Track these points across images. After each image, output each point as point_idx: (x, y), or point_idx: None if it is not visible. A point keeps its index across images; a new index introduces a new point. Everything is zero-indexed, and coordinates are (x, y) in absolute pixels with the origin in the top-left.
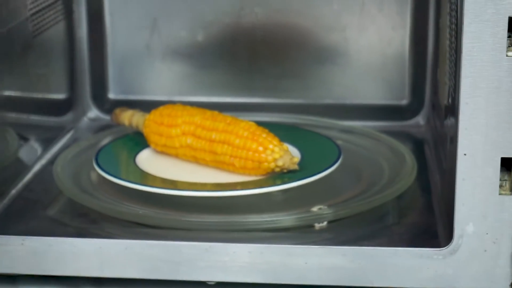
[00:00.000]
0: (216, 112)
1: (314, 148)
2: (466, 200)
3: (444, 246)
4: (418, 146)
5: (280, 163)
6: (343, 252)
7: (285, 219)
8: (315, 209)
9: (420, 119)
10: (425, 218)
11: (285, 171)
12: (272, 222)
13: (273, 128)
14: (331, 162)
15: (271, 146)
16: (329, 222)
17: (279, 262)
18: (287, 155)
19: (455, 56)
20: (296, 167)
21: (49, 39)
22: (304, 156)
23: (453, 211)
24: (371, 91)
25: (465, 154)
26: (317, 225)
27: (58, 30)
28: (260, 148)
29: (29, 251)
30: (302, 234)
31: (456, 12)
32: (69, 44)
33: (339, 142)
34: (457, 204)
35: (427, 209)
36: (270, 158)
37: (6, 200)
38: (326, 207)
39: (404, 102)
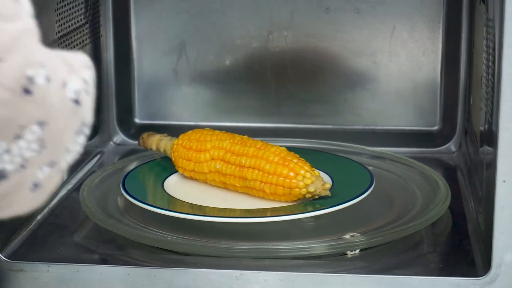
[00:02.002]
0: (245, 137)
1: (346, 174)
2: (505, 228)
3: (481, 275)
4: (450, 173)
5: (311, 189)
6: (377, 281)
7: (317, 246)
8: (347, 236)
9: (451, 146)
10: (461, 246)
11: (316, 197)
12: (303, 249)
13: (303, 154)
14: (363, 189)
15: (302, 172)
16: (362, 249)
17: None
18: (319, 181)
19: (493, 80)
20: (328, 193)
21: None
22: (336, 182)
23: (491, 240)
24: (402, 117)
25: (504, 181)
26: (350, 253)
27: (85, 53)
28: (291, 174)
29: (55, 278)
30: (335, 262)
31: (494, 35)
32: (96, 67)
33: (369, 168)
34: (495, 233)
35: (463, 237)
36: (301, 184)
37: (32, 226)
38: (358, 234)
39: (436, 128)
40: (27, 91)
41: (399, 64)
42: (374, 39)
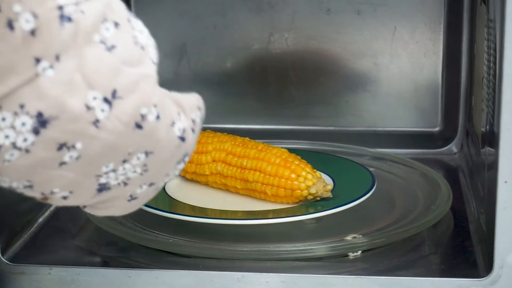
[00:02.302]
0: (247, 139)
1: (347, 176)
2: (507, 229)
3: (483, 277)
4: (451, 174)
5: (313, 190)
6: (379, 283)
7: (319, 248)
8: (349, 238)
9: (453, 147)
10: (463, 248)
11: (318, 198)
12: (305, 251)
13: (305, 156)
14: (365, 190)
15: (303, 174)
16: (364, 251)
17: None
18: (320, 182)
19: (494, 81)
20: (329, 194)
21: None
22: (337, 184)
23: (493, 241)
24: (403, 118)
25: (506, 182)
26: (351, 254)
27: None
28: (293, 176)
29: (56, 281)
30: (336, 263)
31: (495, 36)
32: None
33: (370, 169)
34: (497, 234)
35: (464, 238)
36: (303, 185)
37: (33, 228)
38: (360, 236)
39: (437, 129)
40: (139, 126)
41: (400, 65)
42: (375, 40)
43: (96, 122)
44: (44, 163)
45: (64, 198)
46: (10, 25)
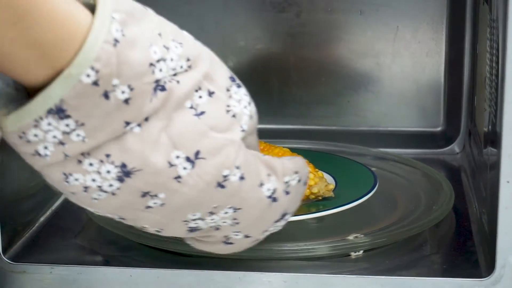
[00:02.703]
0: None
1: (349, 175)
2: (509, 229)
3: (485, 277)
4: (453, 174)
5: (315, 190)
6: (381, 282)
7: (321, 247)
8: (351, 237)
9: (455, 147)
10: (465, 248)
11: (320, 198)
12: (307, 250)
13: (307, 155)
14: (367, 190)
15: None
16: (366, 251)
17: None
18: (322, 182)
19: (496, 81)
20: (331, 194)
21: None
22: (339, 183)
23: (495, 241)
24: (405, 118)
25: (508, 182)
26: (353, 254)
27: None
28: None
29: (58, 280)
30: (338, 263)
31: (498, 36)
32: None
33: (372, 169)
34: (499, 233)
35: (466, 238)
36: None
37: (35, 228)
38: (362, 235)
39: (439, 129)
40: (221, 185)
41: (402, 65)
42: (377, 40)
43: (178, 178)
44: (130, 205)
45: (158, 231)
46: (106, 95)
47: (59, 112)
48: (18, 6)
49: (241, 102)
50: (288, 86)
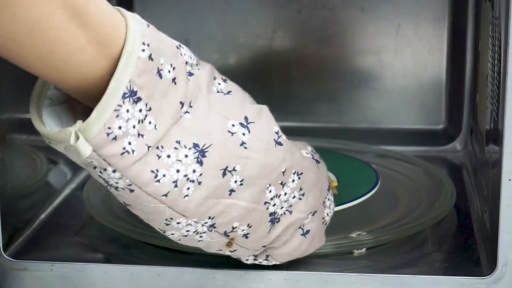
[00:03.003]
0: None
1: (351, 173)
2: (511, 227)
3: (487, 275)
4: (455, 172)
5: None
6: (382, 280)
7: (324, 245)
8: (354, 235)
9: (457, 144)
10: (466, 246)
11: None
12: None
13: None
14: (369, 188)
15: None
16: (367, 248)
17: None
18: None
19: (498, 78)
20: (334, 191)
21: None
22: (341, 181)
23: (497, 239)
24: (407, 116)
25: (510, 180)
26: (356, 252)
27: None
28: None
29: (58, 277)
30: (339, 261)
31: (500, 33)
32: None
33: (374, 166)
34: (501, 231)
35: (468, 236)
36: None
37: (35, 225)
38: (365, 233)
39: (441, 126)
40: (278, 142)
41: (404, 62)
42: (379, 37)
43: (243, 144)
44: (216, 192)
45: (246, 237)
46: (160, 74)
47: (132, 94)
48: (71, 3)
49: None
50: (289, 83)
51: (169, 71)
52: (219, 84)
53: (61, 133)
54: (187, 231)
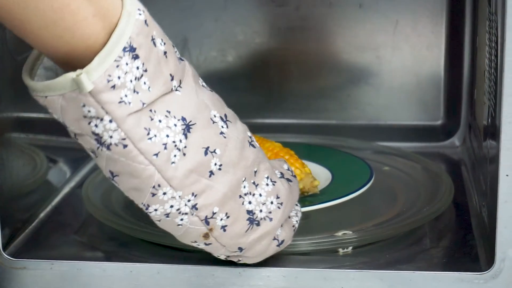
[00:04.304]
0: None
1: (346, 169)
2: (509, 222)
3: (485, 270)
4: (454, 167)
5: (300, 185)
6: (380, 277)
7: (320, 242)
8: (339, 234)
9: (455, 140)
10: (465, 241)
11: (305, 194)
12: (309, 244)
13: (303, 149)
14: (362, 183)
15: (292, 169)
16: (365, 245)
17: (314, 286)
18: (308, 178)
19: (495, 74)
20: (316, 190)
21: None
22: (335, 177)
23: (495, 234)
24: (405, 112)
25: (507, 175)
26: (341, 251)
27: None
28: None
29: (58, 276)
30: (338, 257)
31: (497, 29)
32: None
33: (371, 163)
34: (498, 227)
35: (466, 232)
36: None
37: (35, 223)
38: (350, 232)
39: (439, 122)
40: (251, 144)
41: (402, 58)
42: (377, 34)
43: (222, 134)
44: (199, 169)
45: (224, 229)
46: (153, 42)
47: (132, 50)
48: None
49: None
50: (287, 80)
51: (161, 44)
52: (203, 83)
53: (61, 78)
54: (171, 206)
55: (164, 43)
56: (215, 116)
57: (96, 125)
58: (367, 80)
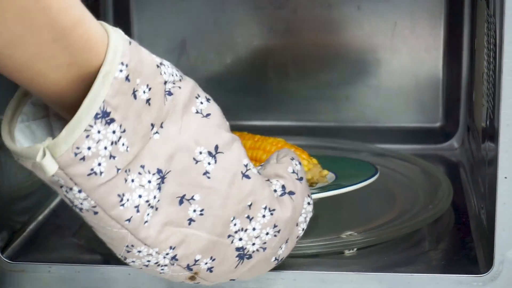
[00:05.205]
0: (245, 133)
1: (350, 170)
2: (507, 225)
3: (484, 273)
4: (452, 170)
5: (308, 176)
6: (379, 279)
7: (318, 245)
8: (344, 235)
9: (454, 142)
10: (463, 244)
11: (314, 185)
12: (307, 247)
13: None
14: (367, 176)
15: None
16: (363, 247)
17: None
18: (316, 168)
19: (494, 76)
20: (325, 180)
21: None
22: (339, 177)
23: (493, 237)
24: (404, 114)
25: (505, 177)
26: (347, 252)
27: None
28: None
29: (56, 279)
30: (336, 260)
31: (495, 31)
32: None
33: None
34: (497, 229)
35: (465, 234)
36: None
37: (33, 226)
38: (355, 233)
39: (438, 124)
40: (245, 175)
41: (401, 60)
42: (375, 36)
43: (206, 173)
44: (174, 220)
45: (210, 270)
46: (134, 94)
47: (105, 115)
48: (55, 28)
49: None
50: (286, 82)
51: (144, 92)
52: (201, 103)
53: (29, 149)
54: (148, 261)
55: (150, 88)
56: (200, 153)
57: (66, 191)
58: (365, 82)
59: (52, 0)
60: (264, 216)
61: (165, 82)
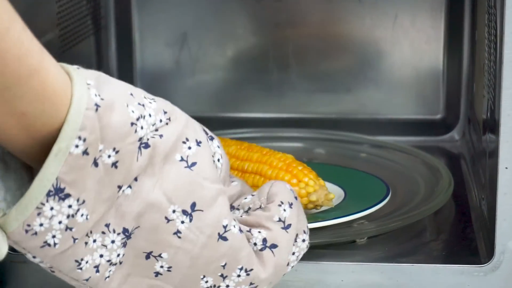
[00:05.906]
0: (254, 144)
1: (360, 187)
2: (508, 215)
3: (485, 263)
4: (453, 161)
5: (313, 198)
6: (380, 270)
7: (324, 234)
8: (355, 224)
9: (455, 134)
10: (464, 234)
11: (319, 208)
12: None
13: (318, 168)
14: (378, 199)
15: (306, 179)
16: (365, 238)
17: (314, 280)
18: (323, 190)
19: (494, 67)
20: (331, 204)
21: (77, 54)
22: (349, 195)
23: (494, 227)
24: (405, 106)
25: (506, 168)
26: (358, 241)
27: (86, 46)
28: (294, 181)
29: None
30: (338, 250)
31: (496, 23)
32: (97, 60)
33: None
34: (498, 220)
35: (466, 225)
36: (303, 192)
37: None
38: (367, 222)
39: (439, 116)
40: (222, 237)
41: (401, 53)
42: (376, 28)
43: (177, 233)
44: (139, 271)
45: None
46: (96, 163)
47: (58, 192)
48: (7, 76)
49: (215, 155)
50: (287, 74)
51: (109, 156)
52: (189, 148)
53: None
54: None
55: (117, 151)
56: (174, 212)
57: (24, 253)
58: (366, 74)
59: (8, 45)
60: (239, 275)
61: (140, 139)
